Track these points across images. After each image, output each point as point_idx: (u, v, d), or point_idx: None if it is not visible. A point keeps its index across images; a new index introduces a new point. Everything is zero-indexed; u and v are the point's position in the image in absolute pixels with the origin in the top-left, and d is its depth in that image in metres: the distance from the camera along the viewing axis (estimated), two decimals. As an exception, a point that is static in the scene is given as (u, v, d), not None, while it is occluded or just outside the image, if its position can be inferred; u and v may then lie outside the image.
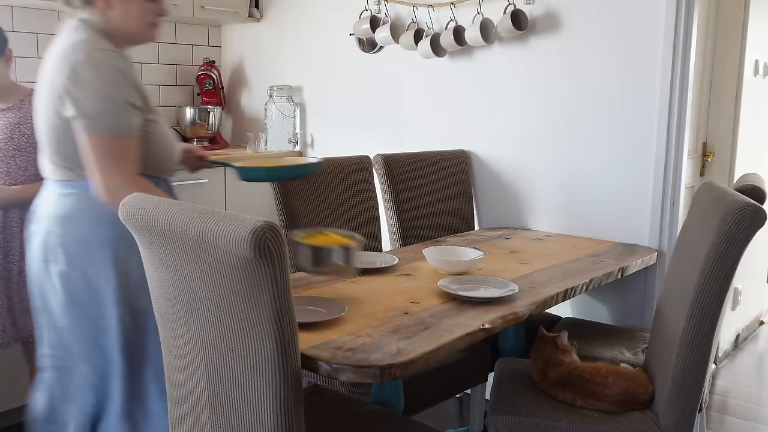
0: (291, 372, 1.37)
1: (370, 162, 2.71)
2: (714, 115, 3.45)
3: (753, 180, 1.95)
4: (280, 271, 1.31)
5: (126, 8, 1.78)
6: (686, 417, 1.68)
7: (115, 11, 1.78)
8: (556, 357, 1.92)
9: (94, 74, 1.69)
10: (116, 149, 1.71)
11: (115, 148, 1.71)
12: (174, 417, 1.68)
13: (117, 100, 1.71)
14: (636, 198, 2.63)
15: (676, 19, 2.48)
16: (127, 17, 1.79)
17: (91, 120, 1.70)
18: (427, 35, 3.03)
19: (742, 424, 2.94)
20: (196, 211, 1.42)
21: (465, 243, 2.56)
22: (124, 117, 1.72)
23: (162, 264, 1.52)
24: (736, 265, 1.60)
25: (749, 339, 3.94)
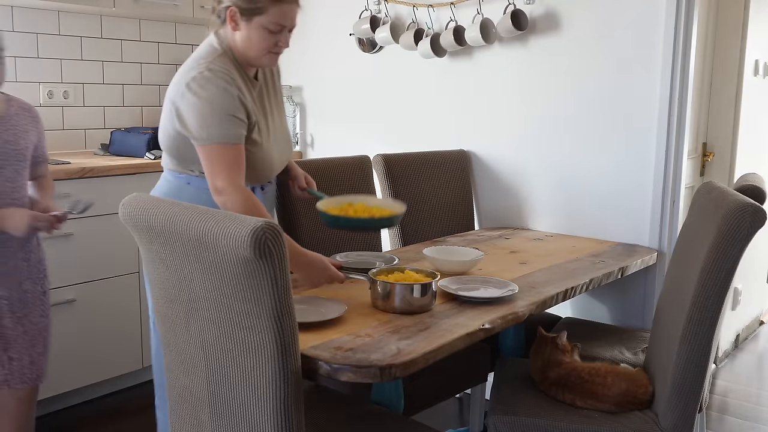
0: (291, 372, 1.37)
1: (370, 162, 2.71)
2: (714, 115, 3.45)
3: (753, 180, 1.95)
4: (280, 271, 1.31)
5: (249, 34, 1.90)
6: (686, 417, 1.68)
7: (240, 34, 1.91)
8: (555, 357, 1.92)
9: (200, 91, 1.84)
10: (220, 157, 1.85)
11: (219, 155, 1.85)
12: (174, 417, 1.68)
13: (219, 114, 1.84)
14: (636, 198, 2.63)
15: (676, 19, 2.48)
16: (248, 42, 1.91)
17: (196, 132, 1.85)
18: (427, 35, 3.03)
19: (742, 424, 2.94)
20: (197, 211, 1.42)
21: (465, 243, 2.56)
22: (225, 128, 1.84)
23: (162, 264, 1.52)
24: (736, 265, 1.60)
25: (749, 339, 3.94)
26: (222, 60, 1.89)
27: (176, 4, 3.40)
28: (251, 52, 1.92)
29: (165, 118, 1.95)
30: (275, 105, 2.10)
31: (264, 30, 1.88)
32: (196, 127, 1.85)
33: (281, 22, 1.89)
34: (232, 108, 1.85)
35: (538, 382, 1.94)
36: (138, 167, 3.01)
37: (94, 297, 2.91)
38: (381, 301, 1.73)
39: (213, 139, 1.84)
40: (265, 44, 1.91)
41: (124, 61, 3.58)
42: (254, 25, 1.88)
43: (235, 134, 1.86)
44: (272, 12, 1.86)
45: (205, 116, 1.84)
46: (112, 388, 3.10)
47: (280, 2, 1.86)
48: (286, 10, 1.88)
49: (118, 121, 3.58)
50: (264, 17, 1.87)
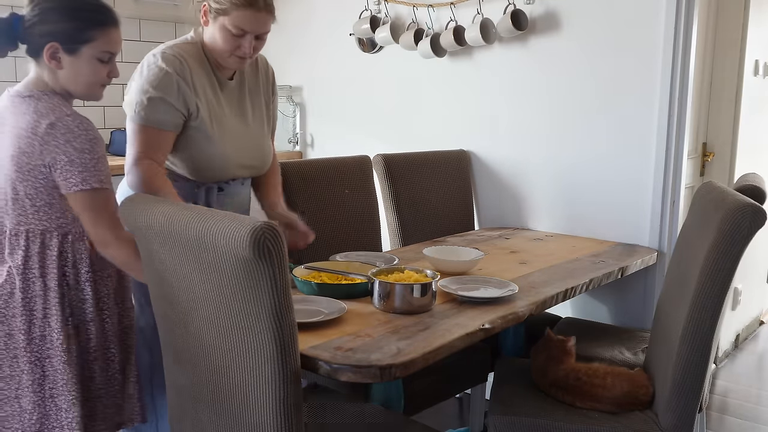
0: (291, 372, 1.37)
1: (370, 162, 2.71)
2: (714, 115, 3.45)
3: (753, 180, 1.95)
4: (279, 271, 1.31)
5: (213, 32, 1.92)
6: (686, 417, 1.68)
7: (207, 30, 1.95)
8: (557, 359, 1.92)
9: (143, 71, 1.89)
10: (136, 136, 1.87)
11: (134, 135, 1.88)
12: (174, 417, 1.68)
13: (150, 95, 1.86)
14: (636, 198, 2.63)
15: (676, 19, 2.48)
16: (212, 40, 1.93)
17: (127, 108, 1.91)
18: (427, 35, 3.03)
19: (742, 424, 2.94)
20: (196, 211, 1.42)
21: (465, 243, 2.56)
22: (151, 111, 1.86)
23: (161, 264, 1.52)
24: (736, 265, 1.60)
25: (749, 339, 3.94)
26: (182, 48, 1.92)
27: (176, 4, 3.40)
28: (215, 50, 1.93)
29: None
30: (251, 109, 2.08)
31: (226, 31, 1.88)
32: (131, 103, 1.87)
33: (243, 27, 1.87)
34: (167, 92, 1.86)
35: (537, 382, 1.94)
36: (138, 167, 3.00)
37: (94, 297, 2.91)
38: (381, 301, 1.73)
39: (137, 119, 1.87)
40: (227, 46, 1.90)
41: (124, 61, 3.56)
42: (218, 24, 1.89)
43: (161, 119, 1.87)
44: (235, 15, 1.86)
45: (139, 95, 1.86)
46: (112, 388, 3.09)
47: (243, 8, 1.85)
48: (249, 16, 1.87)
49: (118, 121, 3.57)
50: (227, 19, 1.87)
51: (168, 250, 1.47)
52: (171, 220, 1.44)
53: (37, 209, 1.64)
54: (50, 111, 1.61)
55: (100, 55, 1.66)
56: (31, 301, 1.65)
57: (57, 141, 1.58)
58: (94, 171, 1.60)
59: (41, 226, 1.65)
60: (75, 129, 1.60)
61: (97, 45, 1.65)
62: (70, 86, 1.68)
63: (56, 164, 1.58)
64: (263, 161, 2.13)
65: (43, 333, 1.65)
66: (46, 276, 1.65)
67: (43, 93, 1.66)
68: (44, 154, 1.58)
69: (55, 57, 1.64)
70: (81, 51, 1.64)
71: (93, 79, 1.69)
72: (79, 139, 1.59)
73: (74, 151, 1.58)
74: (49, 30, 1.63)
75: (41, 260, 1.65)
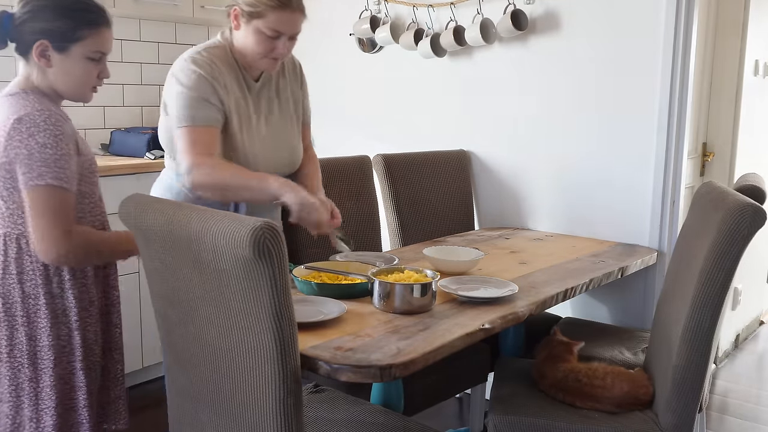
0: (291, 372, 1.37)
1: (370, 162, 2.71)
2: (714, 115, 3.45)
3: (753, 180, 1.95)
4: (279, 271, 1.31)
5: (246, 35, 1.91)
6: (686, 417, 1.68)
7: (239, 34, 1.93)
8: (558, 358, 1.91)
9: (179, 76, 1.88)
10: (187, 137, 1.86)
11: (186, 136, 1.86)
12: (174, 417, 1.68)
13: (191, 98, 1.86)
14: (636, 198, 2.63)
15: (676, 19, 2.48)
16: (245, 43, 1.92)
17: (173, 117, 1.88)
18: (427, 35, 3.03)
19: (742, 424, 2.94)
20: (196, 211, 1.42)
21: (465, 243, 2.56)
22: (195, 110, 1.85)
23: (161, 264, 1.52)
24: (736, 265, 1.60)
25: (749, 339, 3.94)
26: (212, 51, 1.92)
27: (176, 4, 3.40)
28: (248, 53, 1.92)
29: (162, 114, 1.97)
30: (278, 109, 2.07)
31: (261, 34, 1.88)
32: (173, 111, 1.87)
33: (278, 29, 1.87)
34: (206, 93, 1.86)
35: (537, 382, 1.94)
36: (138, 167, 3.01)
37: (94, 297, 2.91)
38: (381, 301, 1.73)
39: (184, 121, 1.85)
40: (261, 48, 1.90)
41: (124, 61, 3.58)
42: (252, 27, 1.88)
43: (206, 116, 1.87)
44: (270, 18, 1.86)
45: (179, 99, 1.86)
46: (112, 388, 3.09)
47: (279, 9, 1.85)
48: (284, 18, 1.87)
49: (118, 121, 3.57)
50: (262, 21, 1.86)
51: (168, 250, 1.47)
52: (171, 220, 1.44)
53: (12, 212, 1.59)
54: (23, 107, 1.56)
55: (90, 55, 1.64)
56: (12, 307, 1.61)
57: (21, 135, 1.53)
58: (54, 167, 1.54)
59: (17, 230, 1.60)
60: (41, 123, 1.54)
61: (88, 44, 1.63)
62: (59, 86, 1.65)
63: (18, 159, 1.53)
64: (292, 161, 2.11)
65: (26, 339, 1.63)
66: (25, 283, 1.62)
67: (28, 91, 1.62)
68: (8, 150, 1.54)
69: (44, 55, 1.61)
70: (71, 50, 1.62)
71: (83, 80, 1.66)
72: (43, 134, 1.53)
73: (36, 145, 1.52)
74: (40, 28, 1.60)
75: (19, 266, 1.61)
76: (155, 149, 3.18)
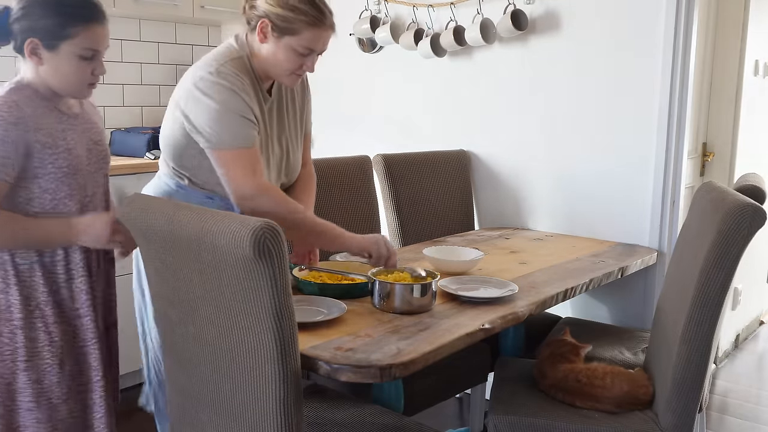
0: (291, 372, 1.37)
1: (370, 162, 2.71)
2: (714, 115, 3.45)
3: (753, 180, 1.95)
4: (279, 271, 1.31)
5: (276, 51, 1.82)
6: (686, 417, 1.68)
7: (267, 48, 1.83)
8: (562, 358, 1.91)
9: (210, 93, 1.75)
10: (237, 161, 1.77)
11: (235, 160, 1.77)
12: (174, 417, 1.68)
13: (231, 116, 1.76)
14: (636, 198, 2.63)
15: (676, 19, 2.48)
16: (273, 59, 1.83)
17: (209, 135, 1.76)
18: (427, 35, 3.03)
19: (742, 424, 2.94)
20: (196, 211, 1.42)
21: (465, 243, 2.56)
22: (239, 130, 1.77)
23: (162, 264, 1.52)
24: (736, 265, 1.60)
25: (749, 339, 3.94)
26: (234, 64, 1.81)
27: (176, 4, 3.40)
28: (274, 68, 1.84)
29: (169, 119, 1.87)
30: (288, 121, 2.00)
31: (292, 51, 1.80)
32: (208, 131, 1.76)
33: (311, 47, 1.81)
34: (243, 109, 1.77)
35: (537, 381, 1.94)
36: (138, 167, 3.01)
37: (94, 297, 2.91)
38: (381, 301, 1.73)
39: (226, 143, 1.76)
40: (290, 65, 1.82)
41: (124, 61, 3.58)
42: (283, 43, 1.79)
43: (249, 135, 1.78)
44: (305, 35, 1.79)
45: (217, 119, 1.75)
46: (112, 388, 3.09)
47: (315, 27, 1.79)
48: (319, 36, 1.81)
49: (118, 121, 3.57)
50: (295, 39, 1.79)
51: (168, 250, 1.47)
52: (171, 220, 1.44)
53: None
54: None
55: (81, 52, 1.61)
56: None
57: None
58: None
59: None
60: None
61: (78, 42, 1.60)
62: (52, 83, 1.63)
63: None
64: (292, 175, 2.06)
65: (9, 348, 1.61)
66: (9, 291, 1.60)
67: (21, 86, 1.61)
68: None
69: (35, 53, 1.60)
70: (60, 47, 1.59)
71: (75, 77, 1.64)
72: None
73: None
74: (29, 25, 1.58)
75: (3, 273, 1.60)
76: (155, 149, 3.18)
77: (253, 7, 1.82)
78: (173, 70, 3.80)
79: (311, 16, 1.77)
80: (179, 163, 1.87)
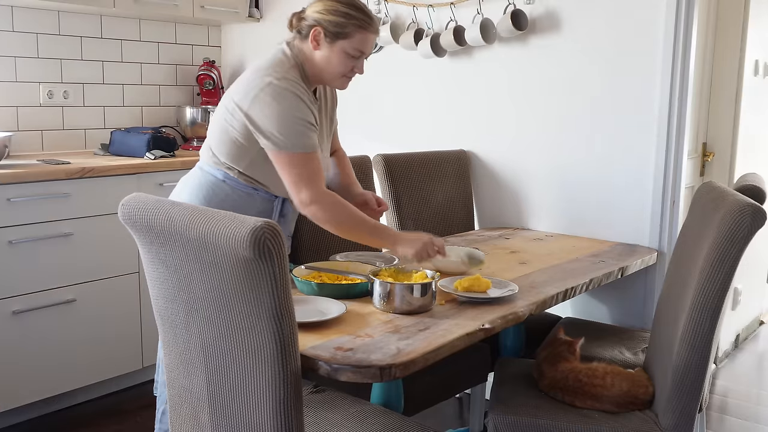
0: (291, 372, 1.37)
1: (370, 162, 2.71)
2: (714, 115, 3.45)
3: (753, 180, 1.95)
4: (279, 271, 1.31)
5: (329, 56, 1.94)
6: (686, 417, 1.68)
7: (320, 54, 1.95)
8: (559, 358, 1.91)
9: (278, 98, 1.86)
10: (302, 166, 1.88)
11: (300, 164, 1.88)
12: (174, 417, 1.68)
13: (299, 122, 1.87)
14: (636, 198, 2.63)
15: (676, 19, 2.48)
16: (328, 64, 1.95)
17: (276, 138, 1.86)
18: (427, 35, 3.03)
19: (742, 424, 2.94)
20: (196, 211, 1.42)
21: (465, 243, 2.56)
22: (304, 137, 1.88)
23: (162, 264, 1.52)
24: (736, 265, 1.60)
25: (749, 339, 3.94)
26: (290, 72, 1.92)
27: (176, 4, 3.40)
28: (328, 73, 1.97)
29: (223, 117, 1.95)
30: (326, 127, 2.13)
31: (345, 54, 1.93)
32: (275, 134, 1.86)
33: (362, 49, 1.94)
34: (308, 116, 1.89)
35: (537, 381, 1.94)
36: (138, 167, 3.01)
37: (94, 297, 2.91)
38: (381, 301, 1.73)
39: (294, 148, 1.86)
40: (343, 68, 1.96)
41: (124, 61, 3.58)
42: (337, 48, 1.93)
43: (313, 143, 1.90)
44: (357, 38, 1.92)
45: (285, 124, 1.85)
46: (112, 388, 3.10)
47: (366, 30, 1.93)
48: (369, 38, 1.95)
49: (118, 121, 3.58)
50: (347, 42, 1.92)
51: (169, 250, 1.47)
52: (172, 220, 1.44)
53: None
54: None
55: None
56: None
57: None
58: None
59: None
60: None
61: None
62: None
63: None
64: (326, 163, 2.17)
65: None
66: None
67: None
68: None
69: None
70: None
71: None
72: None
73: None
74: None
75: None
76: (155, 149, 3.18)
77: (302, 18, 1.96)
78: (173, 70, 3.80)
79: (361, 20, 1.92)
80: (233, 158, 1.95)
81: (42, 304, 2.74)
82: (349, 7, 1.92)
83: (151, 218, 1.49)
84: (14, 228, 2.64)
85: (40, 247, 2.72)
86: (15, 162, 2.87)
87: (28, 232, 2.68)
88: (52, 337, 2.79)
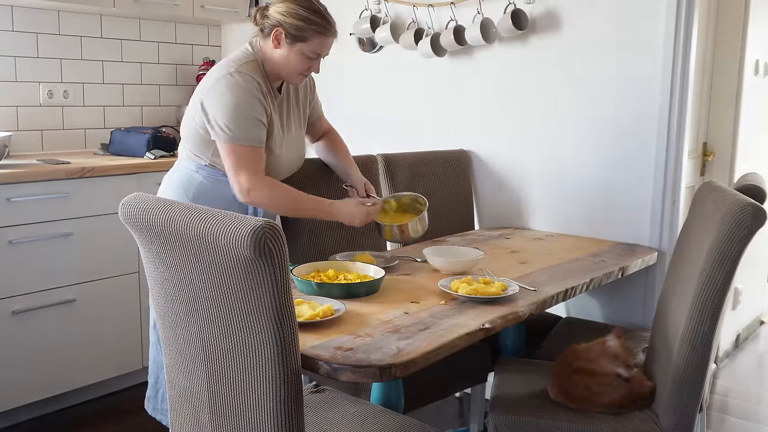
0: (291, 372, 1.37)
1: (376, 162, 2.69)
2: (714, 115, 3.45)
3: (753, 180, 1.95)
4: (280, 270, 1.31)
5: (288, 55, 2.07)
6: (686, 417, 1.68)
7: (280, 53, 2.07)
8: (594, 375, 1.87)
9: (228, 91, 1.99)
10: (242, 156, 2.00)
11: (241, 155, 2.00)
12: (174, 417, 1.68)
13: (245, 116, 2.00)
14: (636, 198, 2.63)
15: (677, 19, 2.48)
16: (286, 62, 2.07)
17: (222, 129, 2.00)
18: (427, 35, 3.03)
19: (742, 424, 2.94)
20: (196, 210, 1.42)
21: (465, 243, 2.56)
22: (250, 130, 2.00)
23: (162, 264, 1.52)
24: (737, 265, 1.59)
25: (749, 339, 3.94)
26: (250, 66, 2.05)
27: (176, 4, 3.40)
28: (285, 70, 2.09)
29: (191, 111, 2.09)
30: (295, 117, 2.24)
31: (303, 55, 2.06)
32: (222, 124, 1.99)
33: (319, 52, 2.08)
34: (257, 111, 2.01)
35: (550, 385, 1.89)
36: (138, 167, 3.01)
37: (94, 297, 2.91)
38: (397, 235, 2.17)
39: (238, 139, 1.99)
40: (300, 67, 2.08)
41: (124, 60, 3.58)
42: (295, 49, 2.05)
43: (258, 137, 2.02)
44: (315, 42, 2.05)
45: (231, 116, 1.98)
46: (112, 388, 3.10)
47: (323, 35, 2.06)
48: (326, 42, 2.08)
49: (118, 121, 3.58)
50: (306, 45, 2.05)
51: (169, 250, 1.47)
52: (172, 219, 1.44)
53: None
54: None
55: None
56: None
57: None
58: None
59: None
60: None
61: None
62: None
63: None
64: (301, 160, 2.31)
65: None
66: None
67: None
68: None
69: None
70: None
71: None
72: None
73: None
74: None
75: None
76: (155, 149, 3.18)
77: (265, 16, 2.07)
78: (173, 70, 3.80)
79: (320, 26, 2.04)
80: (199, 149, 2.10)
81: (42, 304, 2.74)
82: (310, 12, 2.03)
83: (152, 218, 1.49)
84: (14, 228, 2.64)
85: (40, 247, 2.72)
86: (15, 162, 2.87)
87: (28, 232, 2.68)
88: (52, 337, 2.79)
